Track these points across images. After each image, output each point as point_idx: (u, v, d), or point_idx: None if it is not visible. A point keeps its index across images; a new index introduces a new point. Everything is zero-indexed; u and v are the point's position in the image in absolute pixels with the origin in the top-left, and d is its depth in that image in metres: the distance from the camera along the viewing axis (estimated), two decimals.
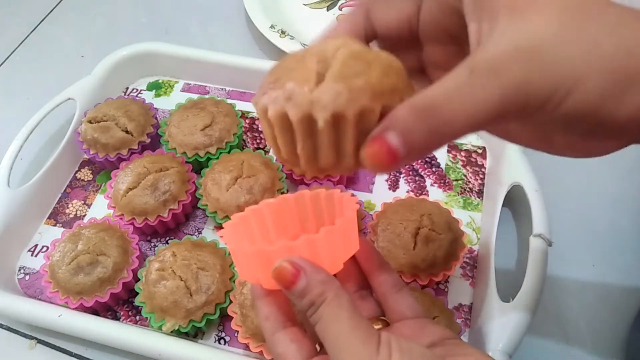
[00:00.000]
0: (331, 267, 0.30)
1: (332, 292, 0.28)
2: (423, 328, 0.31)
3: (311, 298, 0.28)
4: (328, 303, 0.28)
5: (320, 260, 0.29)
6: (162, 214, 0.50)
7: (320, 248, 0.29)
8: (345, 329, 0.27)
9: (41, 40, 0.77)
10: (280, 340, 0.30)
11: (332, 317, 0.27)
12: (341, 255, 0.31)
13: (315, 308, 0.28)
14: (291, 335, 0.31)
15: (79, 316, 0.46)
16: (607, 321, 0.46)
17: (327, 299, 0.28)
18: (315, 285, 0.28)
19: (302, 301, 0.28)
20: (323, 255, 0.29)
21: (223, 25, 0.75)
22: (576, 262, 0.50)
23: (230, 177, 0.50)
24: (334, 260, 0.30)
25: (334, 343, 0.27)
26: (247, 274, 0.31)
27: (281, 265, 0.28)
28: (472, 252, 0.50)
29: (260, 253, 0.28)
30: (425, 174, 0.56)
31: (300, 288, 0.28)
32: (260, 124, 0.61)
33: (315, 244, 0.28)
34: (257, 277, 0.30)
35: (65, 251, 0.47)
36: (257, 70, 0.62)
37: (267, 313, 0.31)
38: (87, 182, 0.58)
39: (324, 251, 0.29)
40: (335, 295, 0.28)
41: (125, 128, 0.56)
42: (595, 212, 0.53)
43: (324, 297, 0.28)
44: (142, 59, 0.65)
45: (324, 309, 0.28)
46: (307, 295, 0.28)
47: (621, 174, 0.55)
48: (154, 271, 0.45)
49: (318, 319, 0.28)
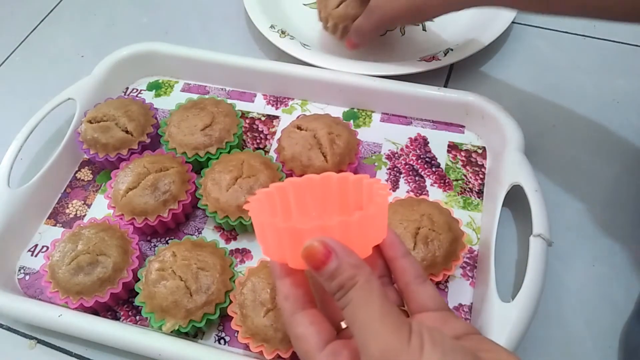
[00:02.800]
0: (361, 252, 0.29)
1: (364, 277, 0.27)
2: (446, 321, 0.30)
3: (341, 281, 0.27)
4: (359, 287, 0.27)
5: (352, 244, 0.28)
6: (162, 214, 0.50)
7: (353, 232, 0.28)
8: (376, 316, 0.26)
9: (41, 40, 0.77)
10: (300, 322, 0.30)
11: (362, 302, 0.27)
12: (371, 241, 0.30)
13: (344, 291, 0.27)
14: (311, 317, 0.30)
15: (79, 316, 0.46)
16: (607, 321, 0.46)
17: (358, 283, 0.27)
18: (346, 268, 0.27)
19: (332, 283, 0.28)
20: (355, 240, 0.28)
21: (223, 25, 0.75)
22: (576, 262, 0.50)
23: (230, 177, 0.50)
24: (365, 245, 0.30)
25: (362, 329, 0.26)
26: (272, 251, 0.30)
27: (312, 244, 0.28)
28: (472, 252, 0.50)
29: (292, 231, 0.28)
30: (425, 174, 0.56)
31: (331, 270, 0.28)
32: (259, 124, 0.61)
33: (348, 228, 0.28)
34: (283, 255, 0.30)
35: (65, 251, 0.47)
36: (257, 70, 0.62)
37: (287, 293, 0.31)
38: (87, 182, 0.58)
39: (356, 235, 0.29)
40: (367, 280, 0.27)
41: (125, 128, 0.56)
42: (595, 212, 0.53)
43: (355, 281, 0.27)
44: (142, 59, 0.65)
45: (354, 293, 0.27)
46: (337, 277, 0.28)
47: (621, 174, 0.55)
48: (154, 271, 0.45)
49: (347, 303, 0.27)
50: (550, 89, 0.63)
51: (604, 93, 0.62)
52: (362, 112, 0.61)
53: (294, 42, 0.66)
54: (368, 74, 0.60)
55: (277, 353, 0.42)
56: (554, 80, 0.64)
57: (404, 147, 0.58)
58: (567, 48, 0.68)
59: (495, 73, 0.65)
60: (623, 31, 0.68)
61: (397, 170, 0.56)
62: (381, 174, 0.56)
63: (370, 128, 0.60)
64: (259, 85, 0.64)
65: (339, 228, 0.28)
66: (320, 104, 0.62)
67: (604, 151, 0.57)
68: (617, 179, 0.55)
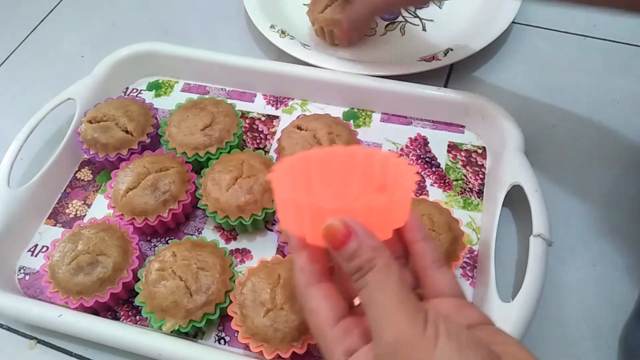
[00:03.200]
0: (382, 235, 0.29)
1: (383, 261, 0.27)
2: (461, 310, 0.30)
3: (360, 262, 0.27)
4: (377, 271, 0.27)
5: (374, 227, 0.28)
6: (162, 214, 0.50)
7: (376, 215, 0.28)
8: (392, 301, 0.26)
9: (41, 40, 0.77)
10: (314, 295, 0.30)
11: (379, 286, 0.27)
12: (393, 224, 0.30)
13: (362, 273, 0.27)
14: (325, 290, 0.30)
15: (79, 316, 0.46)
16: (607, 321, 0.46)
17: (377, 266, 0.27)
18: (365, 250, 0.27)
19: (350, 264, 0.28)
20: (377, 222, 0.28)
21: (223, 25, 0.75)
22: (576, 262, 0.50)
23: (230, 177, 0.50)
24: (386, 228, 0.29)
25: (377, 313, 0.26)
26: (291, 224, 0.30)
27: (333, 224, 0.28)
28: (472, 252, 0.50)
29: (314, 208, 0.28)
30: (425, 174, 0.56)
31: (350, 251, 0.27)
32: (259, 124, 0.61)
33: (372, 211, 0.28)
34: (302, 230, 0.29)
35: (65, 251, 0.47)
36: (257, 70, 0.62)
37: (303, 265, 0.31)
38: (87, 182, 0.58)
39: (379, 218, 0.28)
40: (385, 264, 0.27)
41: (125, 128, 0.56)
42: (595, 212, 0.53)
43: (373, 264, 0.27)
44: (142, 59, 0.65)
45: (372, 276, 0.27)
46: (355, 259, 0.27)
47: (621, 174, 0.55)
48: (154, 271, 0.45)
49: (364, 285, 0.27)
50: (550, 89, 0.63)
51: (604, 93, 0.62)
52: (362, 112, 0.61)
53: (294, 42, 0.66)
54: (368, 74, 0.60)
55: (277, 353, 0.42)
56: (553, 80, 0.64)
57: (404, 147, 0.58)
58: (567, 48, 0.68)
59: (496, 73, 0.65)
60: (623, 31, 0.68)
61: None
62: None
63: (370, 128, 0.60)
64: (259, 85, 0.64)
65: (363, 211, 0.28)
66: (320, 104, 0.62)
67: (604, 151, 0.57)
68: (617, 179, 0.55)
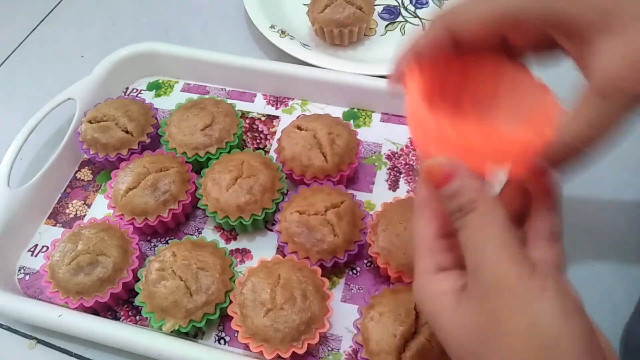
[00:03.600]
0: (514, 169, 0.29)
1: (487, 204, 0.27)
2: None
3: (460, 202, 0.27)
4: (479, 213, 0.26)
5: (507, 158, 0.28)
6: (162, 214, 0.50)
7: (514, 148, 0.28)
8: (495, 244, 0.25)
9: (41, 40, 0.77)
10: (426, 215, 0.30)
11: (480, 228, 0.26)
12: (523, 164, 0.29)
13: (463, 213, 0.27)
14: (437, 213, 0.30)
15: (79, 316, 0.46)
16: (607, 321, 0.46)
17: (479, 208, 0.26)
18: (467, 191, 0.27)
19: (451, 203, 0.27)
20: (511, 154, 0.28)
21: (223, 25, 0.75)
22: (576, 262, 0.50)
23: (230, 177, 0.50)
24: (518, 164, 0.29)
25: (476, 256, 0.26)
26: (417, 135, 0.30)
27: (436, 162, 0.27)
28: None
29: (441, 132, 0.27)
30: None
31: (452, 190, 0.27)
32: (259, 124, 0.61)
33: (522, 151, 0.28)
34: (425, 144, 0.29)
35: (65, 251, 0.47)
36: (257, 70, 0.62)
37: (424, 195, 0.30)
38: (87, 182, 0.58)
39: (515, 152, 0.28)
40: (491, 207, 0.26)
41: (125, 128, 0.56)
42: (595, 212, 0.53)
43: (475, 206, 0.26)
44: (142, 59, 0.65)
45: (473, 217, 0.26)
46: (456, 198, 0.27)
47: (621, 174, 0.55)
48: (154, 271, 0.45)
49: (463, 226, 0.27)
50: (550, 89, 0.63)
51: None
52: (362, 112, 0.61)
53: (294, 42, 0.66)
54: (368, 74, 0.60)
55: (277, 353, 0.42)
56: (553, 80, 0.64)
57: (404, 147, 0.58)
58: None
59: None
60: None
61: (397, 170, 0.56)
62: (381, 174, 0.56)
63: (370, 128, 0.60)
64: (259, 85, 0.64)
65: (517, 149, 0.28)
66: (320, 104, 0.62)
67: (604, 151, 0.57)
68: (617, 179, 0.55)
